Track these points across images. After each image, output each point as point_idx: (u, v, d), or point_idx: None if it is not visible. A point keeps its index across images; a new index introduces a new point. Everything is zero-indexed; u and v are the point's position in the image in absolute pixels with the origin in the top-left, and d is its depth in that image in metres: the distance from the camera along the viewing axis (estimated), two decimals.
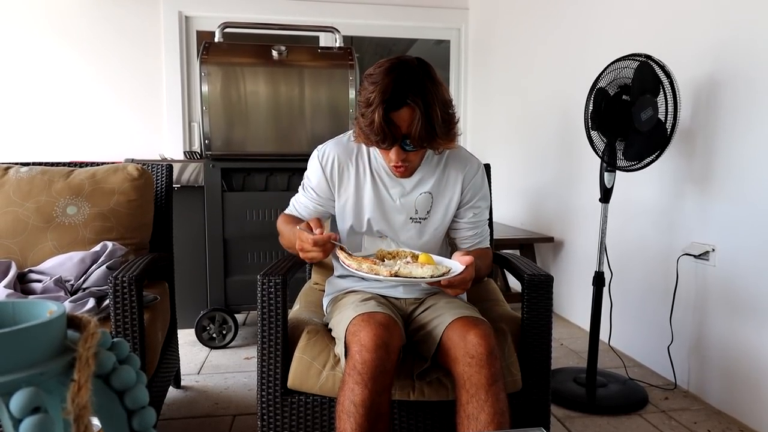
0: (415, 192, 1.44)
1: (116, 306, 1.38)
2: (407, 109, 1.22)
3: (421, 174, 1.44)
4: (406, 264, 1.22)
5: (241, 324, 3.01)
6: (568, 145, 3.01)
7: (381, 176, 1.44)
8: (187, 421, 1.91)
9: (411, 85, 1.22)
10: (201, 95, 2.51)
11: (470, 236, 1.49)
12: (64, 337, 0.43)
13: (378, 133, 1.24)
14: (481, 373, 1.17)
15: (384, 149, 1.31)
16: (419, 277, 1.17)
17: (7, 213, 1.66)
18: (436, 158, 1.46)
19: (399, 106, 1.22)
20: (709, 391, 2.06)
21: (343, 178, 1.44)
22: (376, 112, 1.21)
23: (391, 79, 1.22)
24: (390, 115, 1.22)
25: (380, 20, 4.32)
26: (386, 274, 1.15)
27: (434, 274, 1.18)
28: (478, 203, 1.49)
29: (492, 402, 1.16)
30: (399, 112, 1.23)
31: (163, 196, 1.95)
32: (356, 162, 1.44)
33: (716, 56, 2.01)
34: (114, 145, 4.06)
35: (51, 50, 3.96)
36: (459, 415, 1.20)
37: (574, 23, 2.96)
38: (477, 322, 1.25)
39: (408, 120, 1.23)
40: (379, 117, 1.21)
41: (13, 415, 0.36)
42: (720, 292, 2.01)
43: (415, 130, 1.23)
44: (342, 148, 1.46)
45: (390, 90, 1.21)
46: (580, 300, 2.92)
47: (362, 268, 1.18)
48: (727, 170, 1.97)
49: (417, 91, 1.22)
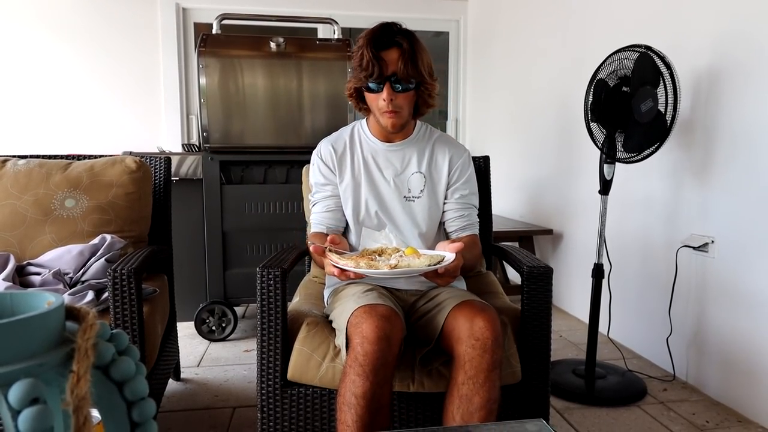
0: (408, 171, 1.50)
1: (115, 298, 1.38)
2: (395, 49, 1.35)
3: (410, 154, 1.51)
4: (401, 257, 1.22)
5: (241, 317, 3.01)
6: (568, 137, 3.00)
7: (376, 158, 1.51)
8: (187, 414, 1.91)
9: (398, 30, 1.37)
10: (199, 87, 2.50)
11: (457, 218, 1.53)
12: (62, 328, 0.43)
13: (366, 68, 1.34)
14: (484, 357, 1.18)
15: (375, 92, 1.38)
16: (417, 267, 1.17)
17: (5, 206, 1.65)
18: (426, 140, 1.53)
19: (387, 45, 1.35)
20: (708, 383, 2.07)
21: (342, 164, 1.52)
22: (366, 49, 1.33)
23: (379, 26, 1.37)
24: (379, 52, 1.34)
25: (378, 12, 4.29)
26: (386, 268, 1.15)
27: (431, 262, 1.18)
28: (464, 185, 1.53)
29: (488, 387, 1.17)
30: (387, 51, 1.35)
31: (162, 189, 1.94)
32: (350, 149, 1.52)
33: (716, 47, 2.00)
34: (112, 137, 4.04)
35: (48, 44, 3.94)
36: (451, 395, 1.21)
37: (574, 13, 2.95)
38: (485, 307, 1.26)
39: (396, 59, 1.34)
40: (368, 51, 1.33)
41: (12, 407, 0.36)
42: (719, 283, 2.01)
43: (403, 66, 1.33)
44: (334, 140, 1.55)
45: (379, 30, 1.35)
46: (579, 292, 2.92)
47: (360, 265, 1.16)
48: (726, 162, 1.97)
49: (403, 34, 1.36)
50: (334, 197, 1.52)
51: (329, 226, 1.51)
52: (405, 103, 1.39)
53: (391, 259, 1.20)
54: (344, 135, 1.55)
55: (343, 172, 1.51)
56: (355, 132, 1.55)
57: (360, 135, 1.54)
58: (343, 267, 1.17)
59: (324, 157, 1.52)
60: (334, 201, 1.52)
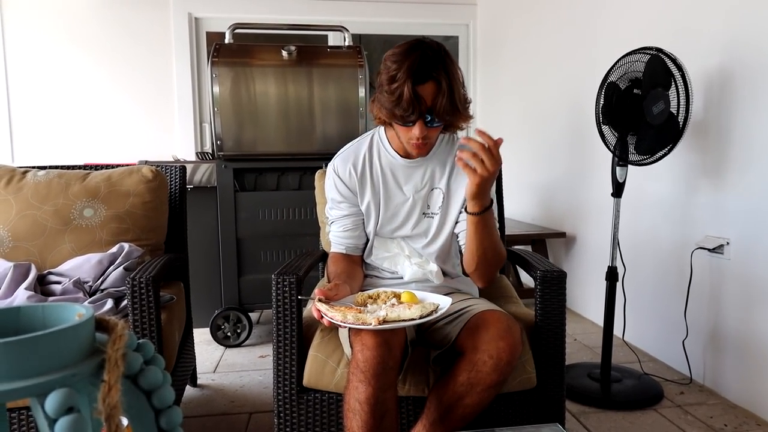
0: (428, 187, 1.45)
1: (134, 306, 1.41)
2: (432, 84, 1.26)
3: (432, 168, 1.45)
4: (392, 307, 1.18)
5: (255, 322, 3.04)
6: (579, 139, 2.99)
7: (395, 173, 1.46)
8: (204, 420, 1.94)
9: (435, 61, 1.26)
10: (212, 96, 2.53)
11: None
12: (93, 339, 0.45)
13: (406, 108, 1.26)
14: (492, 375, 1.19)
15: (407, 126, 1.32)
16: (408, 319, 1.13)
17: (26, 216, 1.69)
18: (447, 152, 1.47)
19: (425, 80, 1.26)
20: (725, 385, 2.05)
21: (363, 181, 1.47)
22: (405, 86, 1.24)
23: (416, 55, 1.26)
24: (416, 88, 1.25)
25: (388, 18, 4.32)
26: (374, 322, 1.11)
27: (423, 313, 1.14)
28: None
29: (484, 397, 1.21)
30: (424, 86, 1.26)
31: (177, 197, 1.97)
32: (370, 166, 1.47)
33: (728, 48, 1.99)
34: (127, 146, 4.10)
35: (63, 54, 4.01)
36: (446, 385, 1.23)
37: (584, 16, 2.95)
38: (511, 329, 1.22)
39: (432, 94, 1.26)
40: (408, 90, 1.24)
41: (49, 416, 0.38)
42: (735, 285, 1.99)
43: (440, 103, 1.26)
44: (352, 155, 1.49)
45: (417, 64, 1.25)
46: (593, 295, 2.91)
47: (348, 319, 1.12)
48: (741, 163, 1.96)
49: (441, 66, 1.26)
50: (351, 216, 1.49)
51: (348, 246, 1.49)
52: (435, 133, 1.36)
53: (381, 311, 1.16)
54: (362, 149, 1.49)
55: (363, 191, 1.47)
56: (374, 144, 1.49)
57: (379, 147, 1.48)
58: (330, 319, 1.15)
59: (342, 177, 1.48)
60: (351, 220, 1.49)
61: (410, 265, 1.46)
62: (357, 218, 1.49)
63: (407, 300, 1.23)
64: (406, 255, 1.48)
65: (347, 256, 1.50)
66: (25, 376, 0.39)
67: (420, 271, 1.45)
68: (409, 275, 1.46)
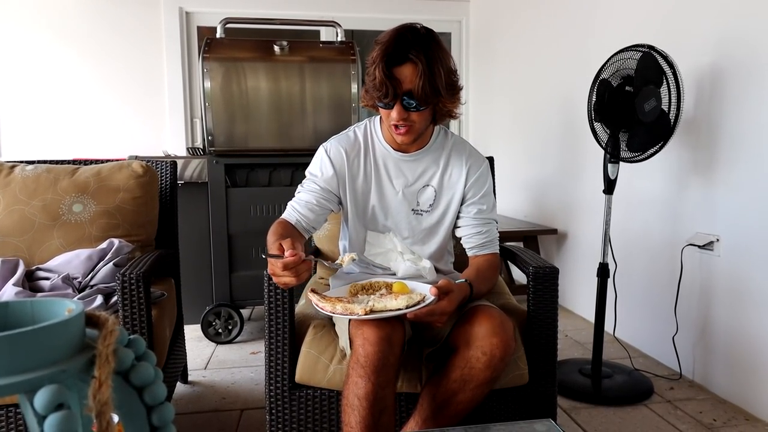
0: (418, 183, 1.44)
1: (124, 303, 1.39)
2: (409, 65, 1.24)
3: (425, 166, 1.44)
4: (380, 297, 1.20)
5: (247, 319, 3.03)
6: (571, 136, 3.00)
7: (387, 166, 1.44)
8: (195, 416, 1.93)
9: (414, 43, 1.24)
10: (203, 91, 2.51)
11: (474, 234, 1.45)
12: (83, 334, 0.44)
13: (379, 88, 1.24)
14: (485, 372, 1.19)
15: (386, 108, 1.30)
16: (394, 309, 1.15)
17: (14, 211, 1.67)
18: (441, 149, 1.45)
19: (401, 61, 1.23)
20: (715, 381, 2.07)
21: (353, 169, 1.44)
22: (378, 67, 1.23)
23: (394, 37, 1.24)
24: (392, 70, 1.24)
25: (381, 13, 4.31)
26: (361, 312, 1.13)
27: (409, 304, 1.16)
28: (482, 200, 1.45)
29: (477, 394, 1.21)
30: (401, 67, 1.24)
31: (168, 193, 1.95)
32: (364, 153, 1.45)
33: (719, 46, 2.00)
34: (117, 142, 4.06)
35: (52, 49, 3.96)
36: (439, 378, 1.23)
37: (577, 13, 2.95)
38: (504, 325, 1.23)
39: (410, 76, 1.24)
40: (381, 71, 1.23)
41: (38, 412, 0.37)
42: (725, 282, 2.01)
43: (418, 86, 1.23)
44: (348, 142, 1.46)
45: (392, 46, 1.23)
46: (585, 291, 2.92)
47: (336, 309, 1.16)
48: (731, 160, 1.97)
49: (420, 48, 1.23)
50: (320, 195, 1.42)
51: (300, 220, 1.40)
52: (419, 119, 1.31)
53: (370, 301, 1.18)
54: (357, 136, 1.46)
55: (355, 176, 1.44)
56: (368, 133, 1.47)
57: (373, 138, 1.46)
58: (321, 309, 1.19)
59: (333, 158, 1.43)
60: (316, 197, 1.41)
61: (403, 262, 1.46)
62: (323, 200, 1.42)
63: (398, 290, 1.24)
64: (398, 251, 1.47)
65: (294, 229, 1.40)
66: (14, 372, 0.38)
67: (413, 268, 1.45)
68: (402, 272, 1.46)
